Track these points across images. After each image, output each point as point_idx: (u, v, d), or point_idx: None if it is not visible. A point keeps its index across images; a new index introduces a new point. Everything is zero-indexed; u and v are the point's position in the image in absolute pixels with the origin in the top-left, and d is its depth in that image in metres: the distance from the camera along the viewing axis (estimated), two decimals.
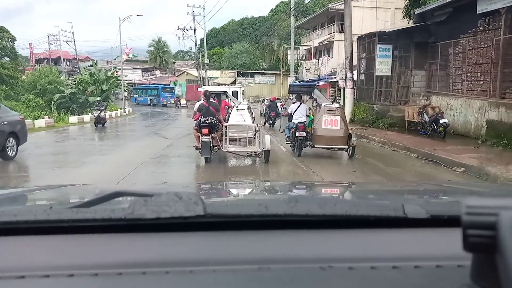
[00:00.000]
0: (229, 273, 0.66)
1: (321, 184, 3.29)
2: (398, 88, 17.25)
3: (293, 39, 32.87)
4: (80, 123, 24.45)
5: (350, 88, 18.99)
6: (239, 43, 56.08)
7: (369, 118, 17.36)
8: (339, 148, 9.91)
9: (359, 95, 19.42)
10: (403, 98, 17.25)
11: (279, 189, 2.05)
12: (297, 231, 0.81)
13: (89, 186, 2.46)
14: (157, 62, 63.60)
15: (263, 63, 55.03)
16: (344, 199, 1.66)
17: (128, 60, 69.84)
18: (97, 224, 0.79)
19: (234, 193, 1.95)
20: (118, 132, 19.55)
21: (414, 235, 0.83)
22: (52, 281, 0.64)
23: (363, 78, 18.99)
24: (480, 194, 1.61)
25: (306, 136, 9.82)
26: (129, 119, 29.61)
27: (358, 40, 19.19)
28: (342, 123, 9.76)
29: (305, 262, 0.69)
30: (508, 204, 0.51)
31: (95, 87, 39.18)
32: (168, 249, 0.76)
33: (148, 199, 0.80)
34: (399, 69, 17.18)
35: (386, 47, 16.83)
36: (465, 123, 13.01)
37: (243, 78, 47.58)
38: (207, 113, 8.66)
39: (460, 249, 0.53)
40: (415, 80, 16.95)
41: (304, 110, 10.39)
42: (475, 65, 13.19)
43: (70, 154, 11.89)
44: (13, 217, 0.82)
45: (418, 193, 1.76)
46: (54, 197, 1.69)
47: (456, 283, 0.60)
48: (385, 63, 16.90)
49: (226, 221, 0.81)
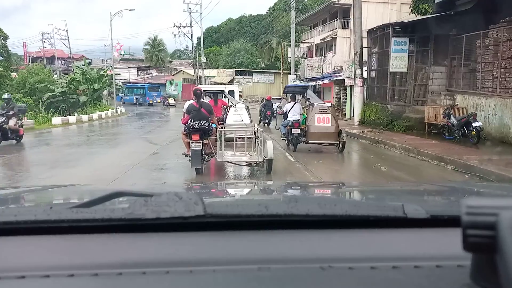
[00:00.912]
0: (229, 273, 0.65)
1: (321, 184, 2.99)
2: (414, 86, 15.24)
3: (293, 35, 30.82)
4: (65, 124, 22.43)
5: (359, 87, 16.99)
6: (237, 41, 54.02)
7: (382, 120, 15.35)
8: (330, 143, 10.41)
9: (370, 94, 17.40)
10: (420, 98, 15.25)
11: (279, 189, 2.02)
12: (297, 231, 0.80)
13: (89, 186, 2.60)
14: (153, 61, 61.48)
15: (261, 62, 52.95)
16: (344, 199, 1.62)
17: (124, 59, 67.68)
18: (97, 224, 0.78)
19: (234, 193, 1.91)
20: (102, 136, 17.18)
21: (414, 235, 0.82)
22: (52, 281, 0.63)
23: (375, 75, 16.96)
24: (480, 194, 1.57)
25: (300, 132, 10.34)
26: (119, 120, 27.41)
27: (368, 34, 17.18)
28: (333, 120, 10.29)
29: (305, 262, 0.68)
30: (508, 204, 0.51)
31: (87, 86, 37.07)
32: (168, 249, 0.75)
33: (148, 199, 0.79)
34: (416, 65, 15.18)
35: (402, 41, 14.81)
36: (501, 126, 11.01)
37: (241, 77, 45.46)
38: (198, 115, 7.30)
39: (460, 249, 0.52)
40: (434, 78, 14.95)
41: (298, 109, 10.96)
42: (511, 59, 11.19)
43: (33, 164, 9.86)
44: (13, 217, 0.81)
45: (418, 193, 1.73)
46: (54, 197, 1.69)
47: (456, 283, 0.59)
48: (400, 58, 14.88)
49: (226, 221, 0.80)
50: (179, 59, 72.31)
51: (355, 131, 15.42)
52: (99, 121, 25.60)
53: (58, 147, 12.90)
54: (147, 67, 61.99)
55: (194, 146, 7.13)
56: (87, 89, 37.12)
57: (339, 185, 2.47)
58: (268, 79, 45.34)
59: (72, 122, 23.04)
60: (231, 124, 9.12)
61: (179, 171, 8.00)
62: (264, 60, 52.18)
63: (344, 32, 31.07)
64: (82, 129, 20.31)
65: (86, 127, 21.13)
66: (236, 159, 7.57)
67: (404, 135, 13.51)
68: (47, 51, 65.54)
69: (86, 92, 37.23)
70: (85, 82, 37.54)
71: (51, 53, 63.44)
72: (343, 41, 29.49)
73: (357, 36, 16.70)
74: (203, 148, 7.33)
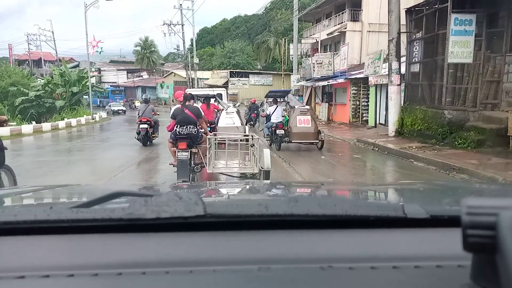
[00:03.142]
0: (229, 273, 0.63)
1: (321, 184, 2.71)
2: (482, 83, 10.52)
3: (296, 26, 26.08)
4: (37, 132, 17.65)
5: (396, 85, 12.29)
6: (232, 42, 49.30)
7: (434, 131, 10.63)
8: (310, 143, 10.97)
9: (410, 95, 12.67)
10: (489, 100, 10.53)
11: (279, 189, 1.94)
12: (297, 231, 0.78)
13: (89, 186, 2.49)
14: (144, 63, 56.66)
15: (258, 63, 48.16)
16: (344, 199, 1.54)
17: (113, 61, 62.74)
18: (97, 224, 0.76)
19: (234, 193, 1.81)
20: (40, 157, 11.30)
21: (414, 235, 0.79)
22: (52, 281, 0.62)
23: (419, 69, 12.19)
24: (480, 194, 1.51)
25: (284, 133, 10.84)
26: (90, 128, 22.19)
27: (407, 14, 12.44)
28: (312, 121, 10.86)
29: (305, 262, 0.67)
30: (508, 204, 0.50)
31: (65, 89, 32.15)
32: (168, 249, 0.73)
33: (148, 199, 0.77)
34: (484, 54, 10.46)
35: (466, 19, 10.09)
36: None
37: (237, 79, 40.56)
38: (185, 120, 6.34)
39: (460, 249, 0.51)
40: (511, 71, 10.24)
41: (280, 112, 11.31)
42: None
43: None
44: (13, 217, 0.79)
45: (418, 193, 1.67)
46: (54, 197, 1.64)
47: (456, 283, 0.58)
48: (463, 44, 10.16)
49: (226, 221, 0.78)
50: (173, 62, 67.44)
51: (392, 145, 10.69)
52: (67, 129, 20.66)
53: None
54: (138, 69, 57.06)
55: (181, 156, 6.36)
56: (64, 93, 32.23)
57: (339, 185, 2.30)
58: (266, 80, 40.46)
59: (46, 129, 18.64)
60: (223, 127, 9.41)
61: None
62: (260, 61, 47.42)
63: (354, 25, 26.35)
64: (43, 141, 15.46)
65: (49, 139, 16.22)
66: (228, 170, 6.55)
67: (478, 154, 8.82)
68: (34, 54, 60.94)
69: (63, 95, 32.30)
70: (63, 84, 32.69)
71: (38, 55, 58.83)
72: (354, 36, 24.67)
73: (393, 17, 11.97)
74: (192, 158, 6.50)
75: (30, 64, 61.12)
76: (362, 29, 26.00)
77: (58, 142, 15.34)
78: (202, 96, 10.99)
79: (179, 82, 45.86)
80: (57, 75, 33.13)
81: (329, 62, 20.02)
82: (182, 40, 40.34)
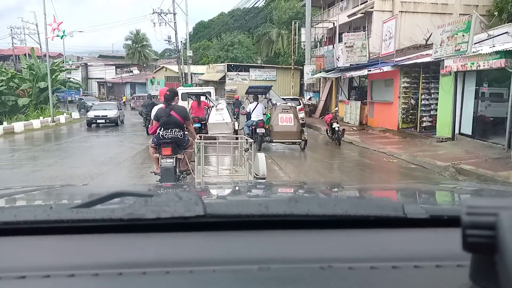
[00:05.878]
0: (229, 273, 0.62)
1: (321, 185, 2.70)
2: None
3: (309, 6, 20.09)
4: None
5: None
6: (231, 34, 43.21)
7: None
8: (293, 142, 10.36)
9: None
10: None
11: (279, 189, 1.92)
12: (297, 231, 0.77)
13: (89, 186, 2.42)
14: (135, 58, 50.54)
15: (258, 57, 42.04)
16: (344, 199, 1.50)
17: (102, 56, 56.44)
18: (97, 224, 0.74)
19: (234, 193, 1.76)
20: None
21: (414, 235, 0.77)
22: (52, 281, 0.61)
23: None
24: (480, 194, 1.47)
25: (265, 132, 10.18)
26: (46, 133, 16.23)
27: None
28: (295, 120, 10.23)
29: (305, 262, 0.66)
30: (508, 204, 0.49)
31: (31, 84, 26.11)
32: (168, 249, 0.71)
33: (148, 199, 0.76)
34: None
35: None
36: None
37: (235, 73, 34.52)
38: (169, 121, 5.43)
39: (460, 249, 0.50)
40: None
41: (261, 109, 10.57)
42: None
43: None
44: (13, 217, 0.76)
45: (418, 193, 1.61)
46: (54, 197, 1.60)
47: (456, 283, 0.57)
48: None
49: (226, 221, 0.76)
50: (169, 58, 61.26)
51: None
52: (23, 133, 14.70)
53: None
54: (128, 64, 50.88)
55: (165, 163, 5.53)
56: (31, 89, 26.20)
57: (339, 185, 2.30)
58: (268, 75, 34.38)
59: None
60: (213, 123, 9.26)
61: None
62: (261, 55, 41.33)
63: (383, 4, 20.39)
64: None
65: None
66: (219, 179, 5.59)
67: None
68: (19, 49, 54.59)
69: (30, 92, 26.24)
70: (31, 79, 26.68)
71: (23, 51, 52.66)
72: (382, 17, 18.68)
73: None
74: (177, 165, 5.63)
75: (14, 60, 54.79)
76: (393, 8, 19.99)
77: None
78: (194, 94, 11.12)
79: (170, 77, 39.95)
80: (26, 69, 27.12)
81: (362, 45, 14.06)
82: (174, 30, 34.49)
